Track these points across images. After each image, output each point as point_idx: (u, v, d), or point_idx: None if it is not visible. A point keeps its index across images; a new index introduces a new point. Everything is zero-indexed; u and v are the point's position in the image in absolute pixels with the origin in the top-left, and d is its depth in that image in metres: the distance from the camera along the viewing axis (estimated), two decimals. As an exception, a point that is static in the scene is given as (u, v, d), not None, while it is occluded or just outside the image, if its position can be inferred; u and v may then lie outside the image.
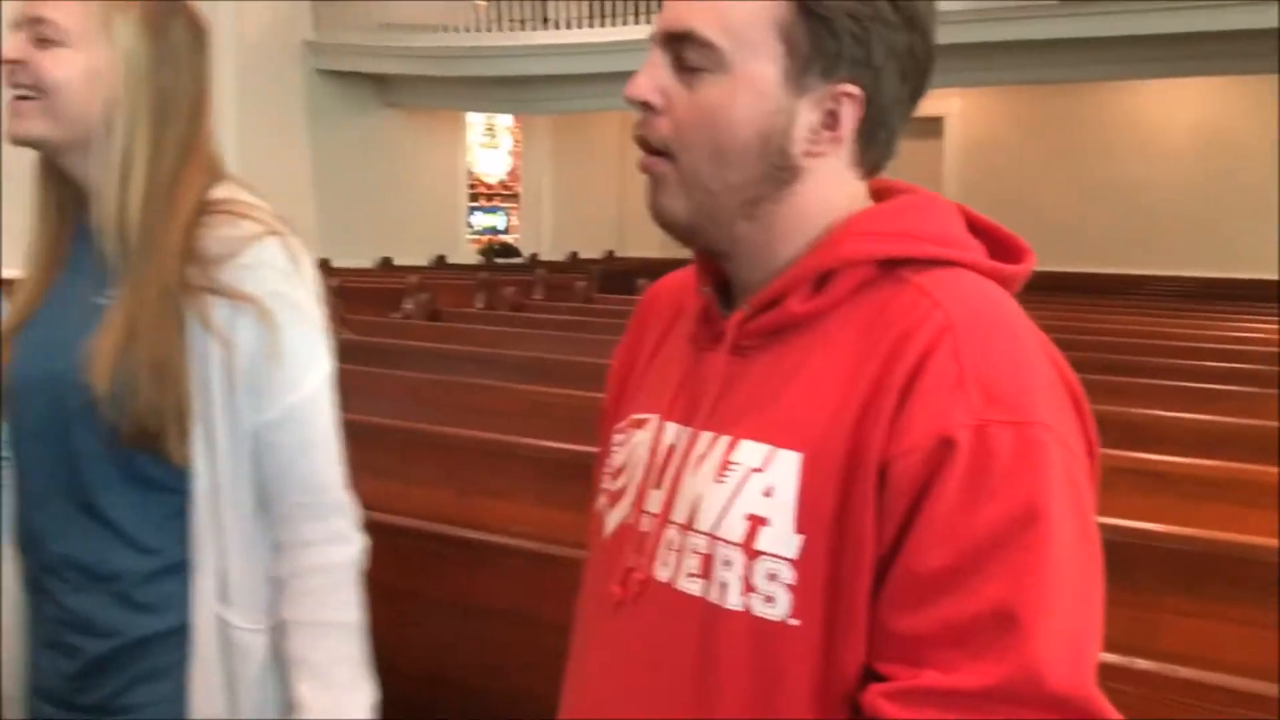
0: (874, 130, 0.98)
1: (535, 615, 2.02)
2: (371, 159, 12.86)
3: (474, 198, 15.02)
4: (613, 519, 1.06)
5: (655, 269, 11.36)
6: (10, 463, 1.37)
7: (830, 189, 0.99)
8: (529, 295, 9.37)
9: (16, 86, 1.29)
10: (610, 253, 15.50)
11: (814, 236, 0.98)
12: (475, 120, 14.79)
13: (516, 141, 15.42)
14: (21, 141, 1.31)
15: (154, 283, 1.26)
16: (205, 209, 1.30)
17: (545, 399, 3.75)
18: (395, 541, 2.34)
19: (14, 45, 1.28)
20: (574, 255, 14.91)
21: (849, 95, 0.95)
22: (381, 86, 13.00)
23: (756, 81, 0.94)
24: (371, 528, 2.43)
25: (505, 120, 15.18)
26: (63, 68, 1.27)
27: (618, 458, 1.09)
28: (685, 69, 0.95)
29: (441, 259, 13.62)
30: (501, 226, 15.38)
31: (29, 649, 1.39)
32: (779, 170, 0.96)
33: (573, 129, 15.07)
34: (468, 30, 12.22)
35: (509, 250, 14.90)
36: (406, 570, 2.31)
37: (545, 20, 12.03)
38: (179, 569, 1.31)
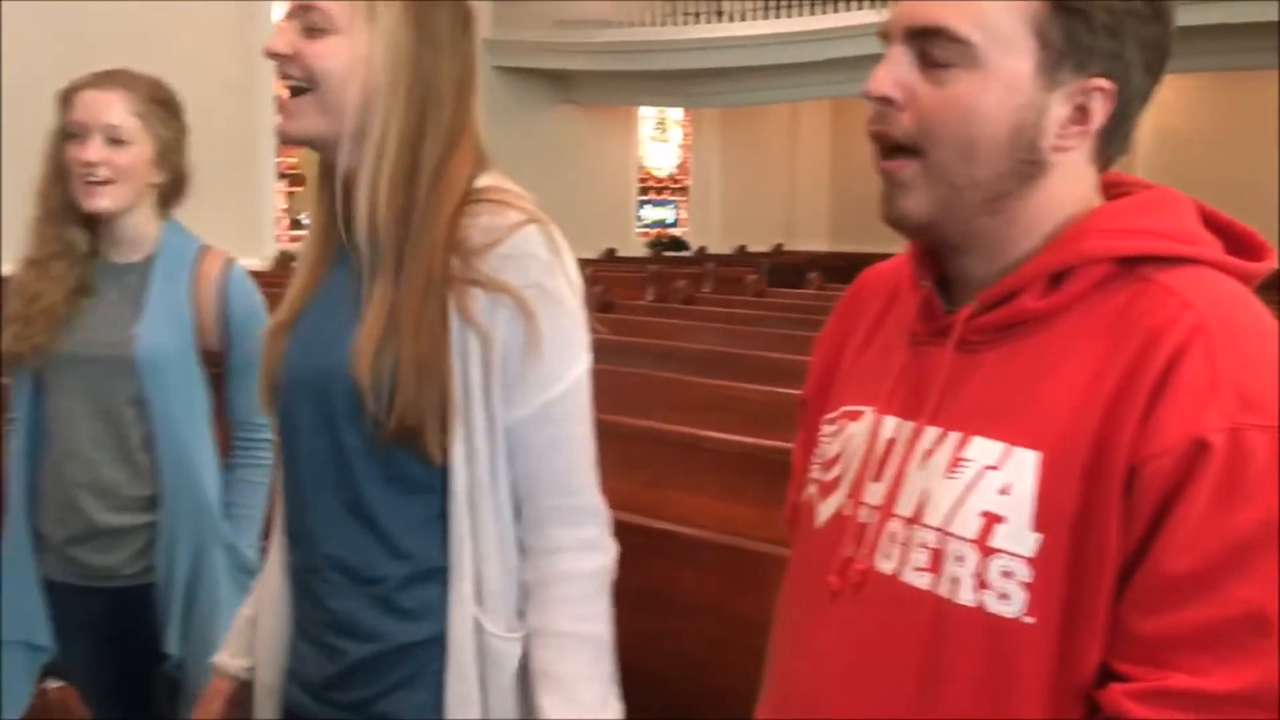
0: (1118, 124, 0.97)
1: (728, 609, 2.04)
2: (546, 154, 13.06)
3: (644, 191, 15.13)
4: (825, 509, 1.06)
5: (825, 262, 11.30)
6: (281, 459, 1.38)
7: (1071, 184, 0.98)
8: (698, 288, 9.40)
9: (287, 78, 1.26)
10: (779, 246, 15.38)
11: (1051, 232, 0.97)
12: (647, 114, 14.90)
13: (686, 135, 15.46)
14: (293, 140, 1.29)
15: (419, 277, 1.22)
16: (470, 197, 1.26)
17: (726, 393, 3.75)
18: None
19: (283, 38, 1.25)
20: (742, 248, 14.86)
21: (1101, 90, 0.94)
22: (558, 83, 13.23)
23: (1009, 77, 0.93)
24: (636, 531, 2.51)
25: (676, 114, 15.23)
26: (330, 57, 1.24)
27: (829, 448, 1.08)
28: (931, 64, 0.95)
29: (611, 252, 13.78)
30: (670, 219, 15.46)
31: (291, 641, 1.38)
32: (1027, 165, 0.95)
33: (742, 121, 15.01)
34: (642, 25, 12.33)
35: (677, 243, 14.96)
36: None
37: (719, 13, 12.02)
38: (436, 575, 1.27)
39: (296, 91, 1.26)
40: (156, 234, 1.98)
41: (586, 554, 1.27)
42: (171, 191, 2.00)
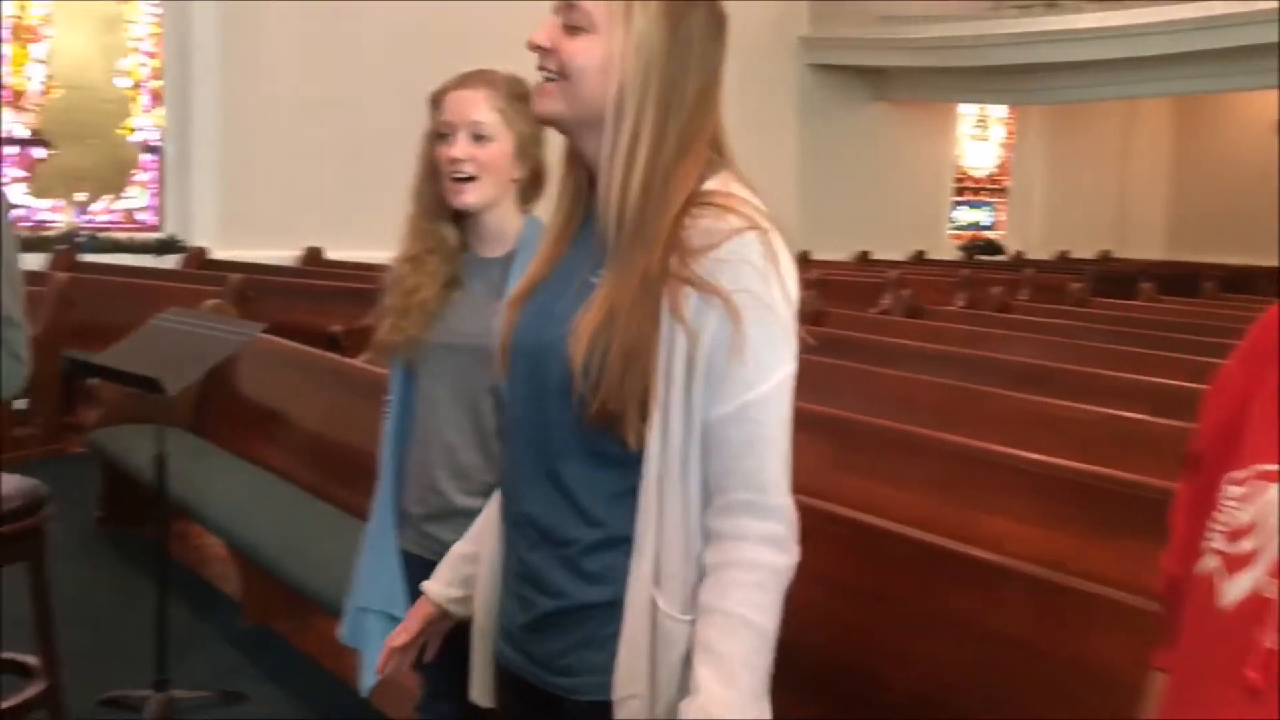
0: None
1: (1040, 648, 1.88)
2: (857, 152, 12.88)
3: (959, 191, 14.60)
4: (1235, 587, 0.93)
5: (1159, 272, 10.45)
6: (504, 422, 1.48)
7: None
8: (1014, 295, 8.94)
9: (543, 70, 1.35)
10: (1106, 253, 14.43)
11: None
12: (966, 112, 14.35)
13: (1009, 133, 14.77)
14: (541, 118, 1.39)
15: (638, 269, 1.27)
16: (695, 200, 1.30)
17: (1046, 410, 3.50)
18: (882, 545, 2.29)
19: (545, 32, 1.34)
20: (1064, 254, 14.04)
21: None
22: (874, 80, 12.98)
23: None
24: (856, 529, 2.43)
25: (998, 111, 14.59)
26: (584, 55, 1.31)
27: (1239, 514, 0.95)
28: None
29: (920, 254, 13.37)
30: (986, 222, 14.82)
31: (499, 590, 1.49)
32: None
33: (1070, 119, 14.17)
34: (966, 19, 11.86)
35: (992, 247, 14.33)
36: (893, 577, 2.24)
37: (1051, 4, 11.37)
38: (622, 543, 1.33)
39: (550, 78, 1.35)
40: (518, 228, 2.05)
41: (770, 549, 1.28)
42: (531, 186, 2.06)
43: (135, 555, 4.41)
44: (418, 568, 2.07)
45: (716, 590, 1.26)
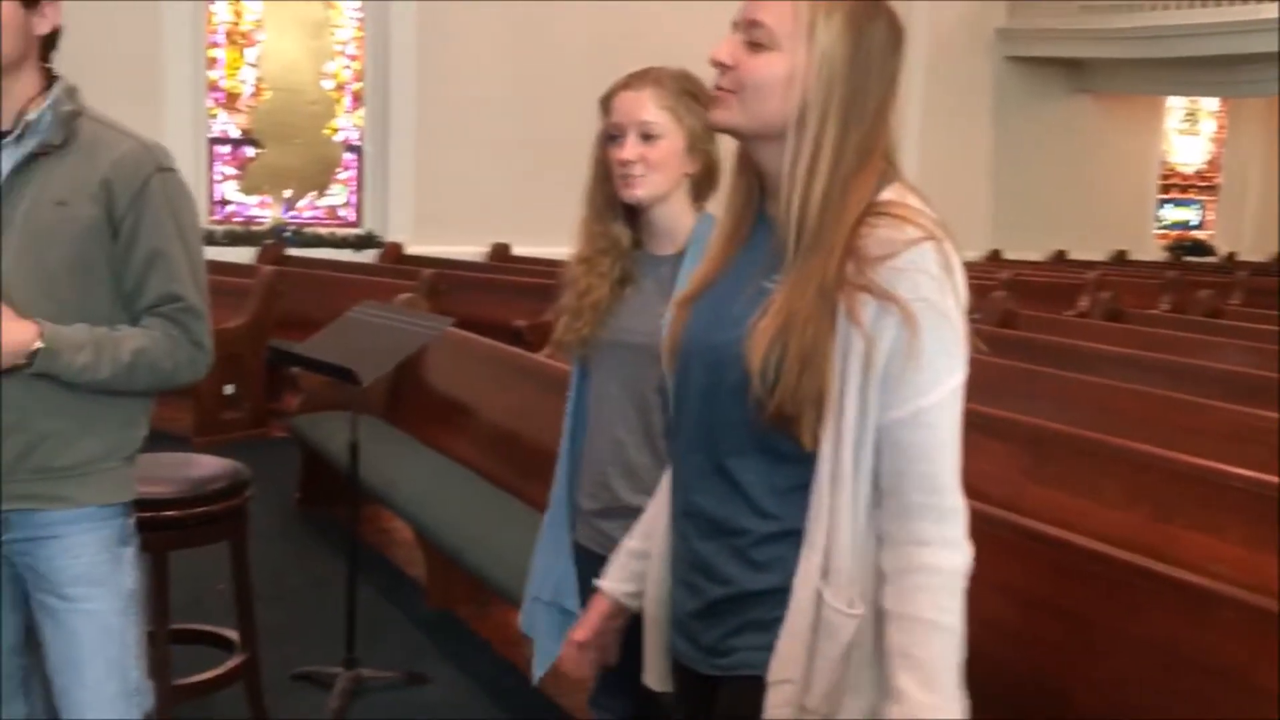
0: None
1: (1252, 681, 1.74)
2: (1054, 148, 12.37)
3: (1165, 189, 13.85)
4: None
5: (1396, 277, 9.46)
6: (672, 417, 1.53)
7: None
8: (1226, 299, 8.41)
9: (719, 86, 1.39)
10: (1328, 255, 13.45)
11: None
12: (1174, 104, 13.59)
13: (1220, 128, 13.92)
14: (717, 128, 1.43)
15: (816, 277, 1.31)
16: (872, 210, 1.33)
17: (1257, 423, 3.27)
18: (1075, 561, 2.17)
19: (728, 48, 1.37)
20: (1281, 256, 13.16)
21: None
22: (1074, 72, 12.44)
23: None
24: (1047, 543, 2.31)
25: (1210, 104, 13.76)
26: (765, 71, 1.35)
27: None
28: None
29: (1121, 254, 12.74)
30: (1194, 221, 14.02)
31: (668, 581, 1.53)
32: None
33: (1292, 112, 13.24)
34: (1175, 7, 11.22)
35: (1200, 248, 13.53)
36: (1087, 595, 2.12)
37: (1271, -10, 10.64)
38: (792, 536, 1.36)
39: (727, 91, 1.38)
40: (690, 225, 2.04)
41: (948, 551, 1.31)
42: (704, 182, 2.05)
43: (329, 537, 4.62)
44: (589, 561, 2.10)
45: (902, 596, 1.30)
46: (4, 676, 2.01)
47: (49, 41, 1.89)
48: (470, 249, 8.86)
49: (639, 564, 1.63)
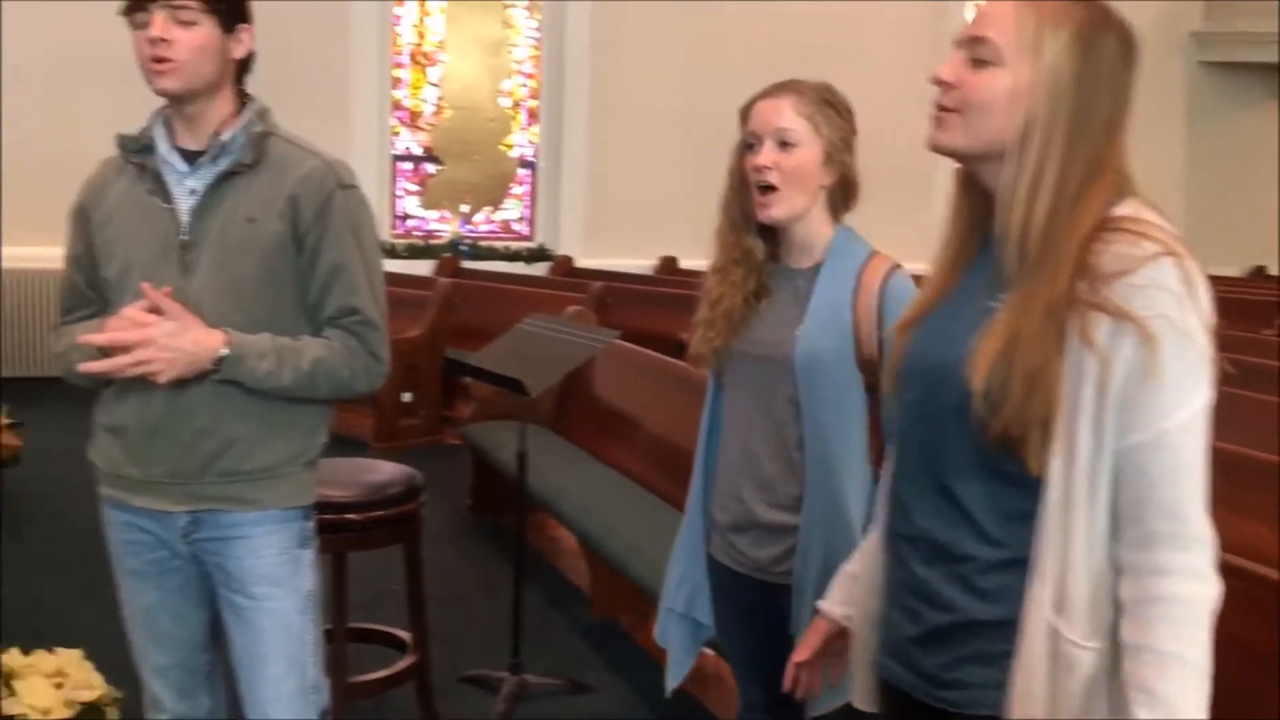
0: None
1: None
2: (1251, 158, 11.67)
3: (1378, 201, 12.88)
4: None
5: None
6: (896, 437, 1.49)
7: None
8: None
9: (942, 105, 1.35)
10: None
11: None
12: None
13: None
14: (938, 150, 1.38)
15: (1043, 295, 1.27)
16: (1105, 225, 1.29)
17: None
18: (1271, 596, 2.04)
19: (951, 68, 1.35)
20: None
21: None
22: (1274, 78, 11.72)
23: None
24: (1239, 575, 2.16)
25: None
26: (988, 89, 1.32)
27: None
28: None
29: (1327, 270, 11.93)
30: None
31: (882, 604, 1.50)
32: None
33: None
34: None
35: None
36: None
37: None
38: (1020, 564, 1.32)
39: (948, 109, 1.35)
40: (828, 238, 2.02)
41: (1193, 581, 1.24)
42: (842, 195, 2.03)
43: (498, 542, 4.73)
44: (723, 575, 2.11)
45: (1141, 628, 1.25)
46: (191, 670, 2.12)
47: (243, 65, 1.99)
48: (639, 262, 8.95)
49: (857, 586, 1.61)
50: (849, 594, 1.62)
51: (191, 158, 1.95)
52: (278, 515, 2.01)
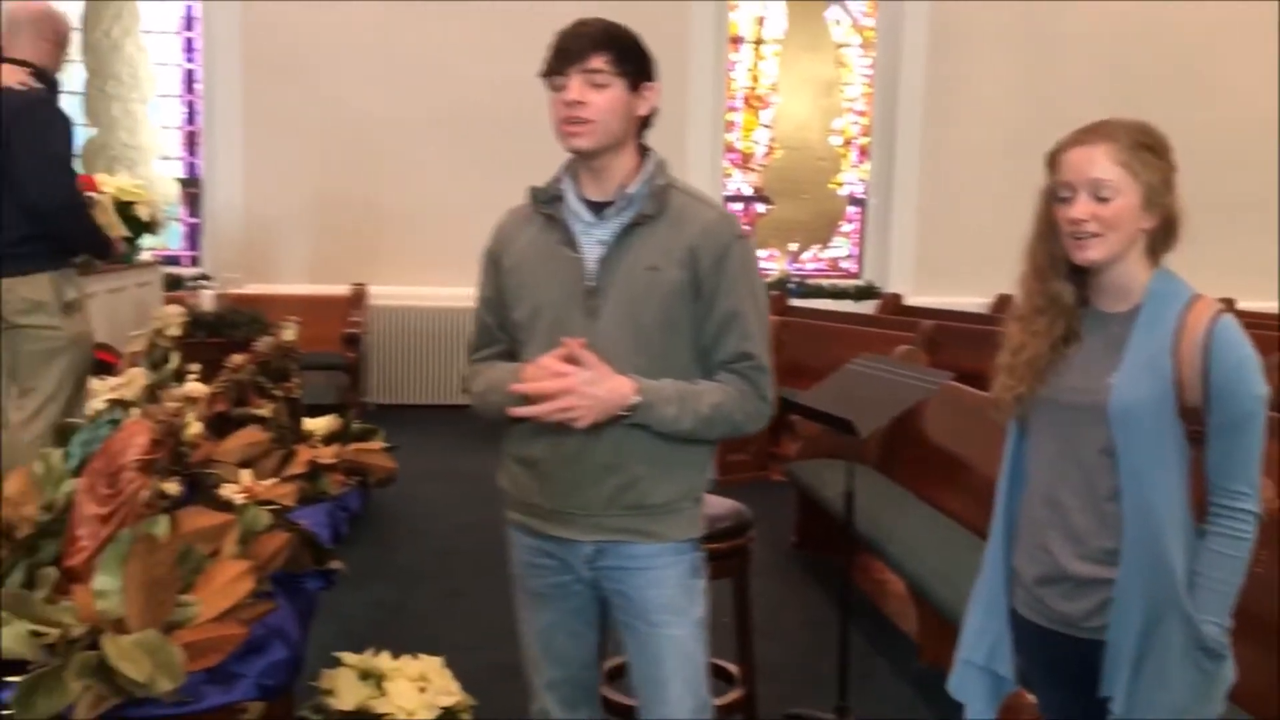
0: None
1: None
2: None
3: None
4: None
5: None
6: None
7: None
8: None
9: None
10: None
11: None
12: None
13: None
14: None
15: None
16: None
17: None
18: None
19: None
20: None
21: None
22: None
23: None
24: None
25: None
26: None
27: None
28: None
29: None
30: None
31: None
32: None
33: None
34: None
35: None
36: None
37: None
38: None
39: None
40: (1144, 282, 1.92)
41: None
42: (1163, 236, 1.92)
43: (822, 581, 4.73)
44: (1028, 630, 2.03)
45: None
46: (579, 685, 2.26)
47: (645, 120, 2.10)
48: (972, 300, 8.69)
49: None
50: None
51: (596, 208, 2.08)
52: (675, 547, 2.12)
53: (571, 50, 2.01)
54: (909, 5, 8.98)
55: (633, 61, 2.04)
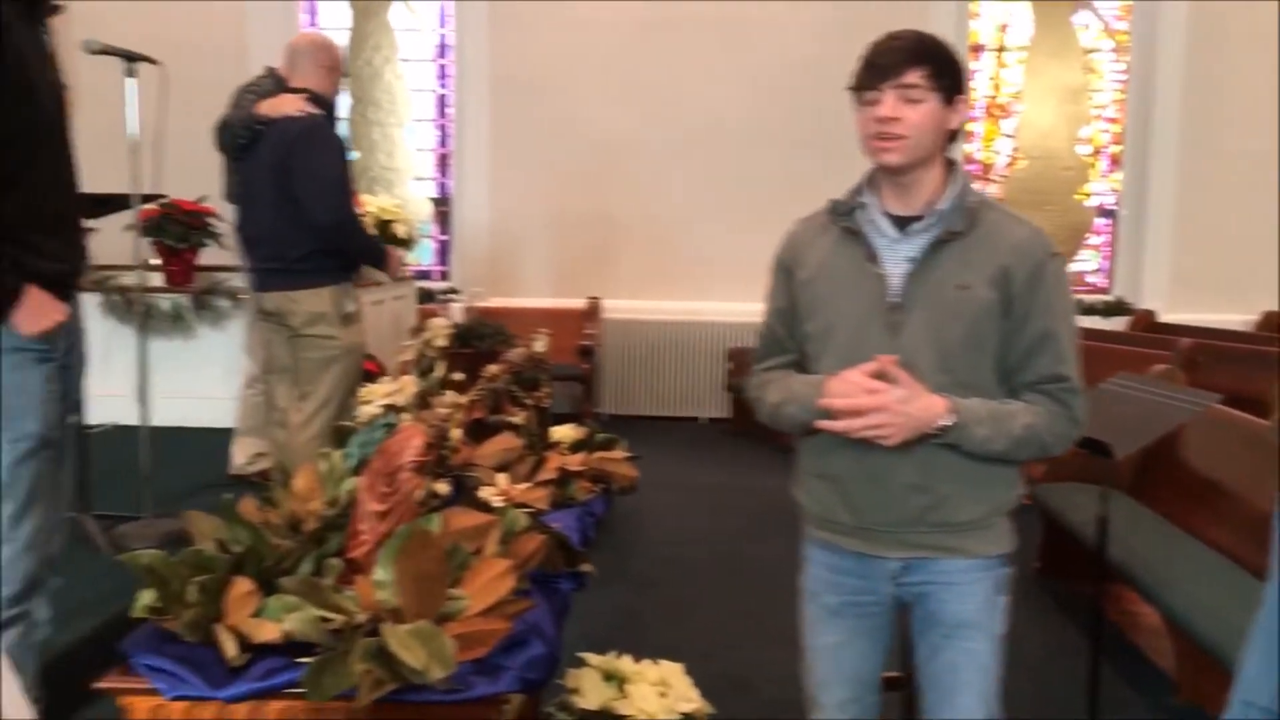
0: None
1: None
2: None
3: None
4: None
5: None
6: None
7: None
8: None
9: None
10: None
11: None
12: None
13: None
14: None
15: None
16: None
17: None
18: None
19: None
20: None
21: None
22: None
23: None
24: None
25: None
26: None
27: None
28: None
29: None
30: None
31: None
32: None
33: None
34: None
35: None
36: None
37: None
38: None
39: None
40: None
41: None
42: None
43: (1067, 609, 4.52)
44: None
45: None
46: (865, 706, 2.24)
47: (954, 134, 2.06)
48: (1233, 317, 8.13)
49: None
50: None
51: (900, 223, 2.05)
52: (983, 563, 2.11)
53: (885, 65, 1.97)
54: (1166, 5, 8.50)
55: (949, 75, 2.00)
